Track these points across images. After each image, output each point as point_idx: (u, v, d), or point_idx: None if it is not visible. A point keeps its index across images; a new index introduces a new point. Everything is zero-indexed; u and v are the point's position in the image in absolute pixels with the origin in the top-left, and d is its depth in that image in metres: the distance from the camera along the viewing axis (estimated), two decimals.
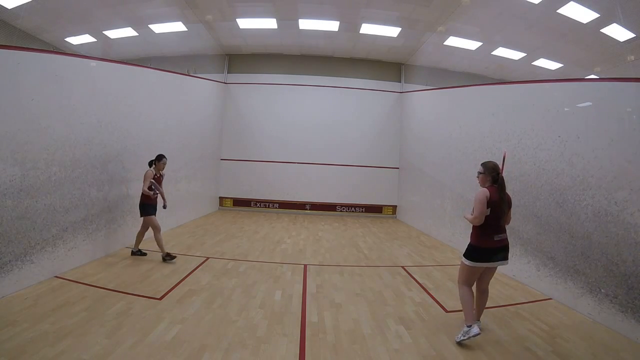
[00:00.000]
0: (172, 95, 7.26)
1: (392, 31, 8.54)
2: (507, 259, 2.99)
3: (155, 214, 4.99)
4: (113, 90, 5.20)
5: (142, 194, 4.88)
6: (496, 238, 2.91)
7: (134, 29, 8.62)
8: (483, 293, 3.11)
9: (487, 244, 2.90)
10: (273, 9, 7.79)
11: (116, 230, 5.24)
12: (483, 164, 3.05)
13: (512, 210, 4.76)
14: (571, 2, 6.39)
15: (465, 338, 2.83)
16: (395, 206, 10.59)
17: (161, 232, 5.00)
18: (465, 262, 2.98)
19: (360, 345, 2.83)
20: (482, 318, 3.43)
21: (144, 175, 4.87)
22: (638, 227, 3.13)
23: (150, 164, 5.03)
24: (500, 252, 2.94)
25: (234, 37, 9.46)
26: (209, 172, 9.65)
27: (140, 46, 9.53)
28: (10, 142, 3.46)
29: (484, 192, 2.89)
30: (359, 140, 10.58)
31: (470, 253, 2.96)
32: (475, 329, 2.82)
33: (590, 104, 3.98)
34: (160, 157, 5.10)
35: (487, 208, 2.85)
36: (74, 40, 8.99)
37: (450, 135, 7.03)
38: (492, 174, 2.97)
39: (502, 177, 2.97)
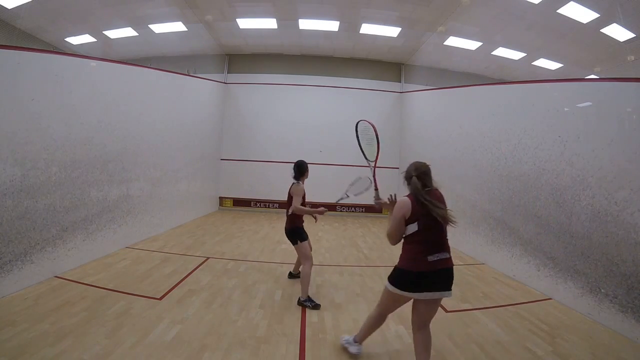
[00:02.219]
0: (172, 95, 7.26)
1: (392, 31, 8.54)
2: (449, 288, 2.19)
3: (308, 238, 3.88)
4: (113, 90, 5.20)
5: (291, 216, 3.76)
6: (430, 259, 2.15)
7: (134, 29, 8.62)
8: (421, 331, 2.29)
9: (417, 267, 2.17)
10: (273, 9, 7.78)
11: (116, 230, 5.24)
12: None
13: (513, 210, 4.86)
14: (571, 2, 6.39)
15: (345, 345, 2.67)
16: None
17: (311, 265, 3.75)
18: (387, 287, 2.31)
19: None
20: (483, 320, 3.43)
21: (294, 192, 3.70)
22: (638, 227, 3.13)
23: (297, 177, 3.77)
24: (437, 278, 2.16)
25: (234, 37, 9.45)
26: (209, 172, 9.65)
27: (140, 46, 9.52)
28: (10, 142, 3.47)
29: (402, 202, 2.25)
30: None
31: (394, 277, 2.28)
32: (355, 348, 2.59)
33: (590, 104, 3.98)
34: (306, 166, 3.85)
35: (414, 222, 2.19)
36: (74, 40, 8.98)
37: (450, 135, 7.02)
38: (405, 177, 2.34)
39: (414, 179, 2.26)
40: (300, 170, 3.80)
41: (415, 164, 2.36)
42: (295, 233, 3.79)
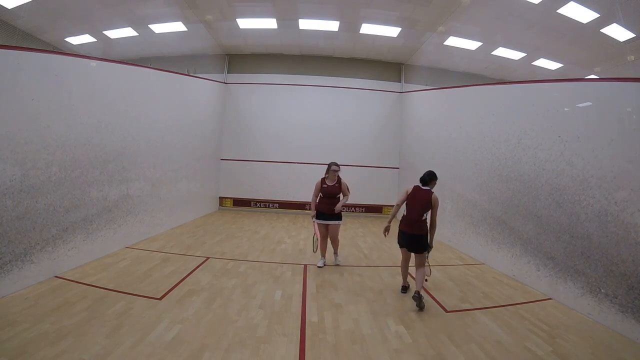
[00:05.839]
0: (172, 95, 7.26)
1: (392, 31, 8.54)
2: None
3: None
4: (113, 90, 5.20)
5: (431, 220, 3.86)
6: None
7: (134, 29, 8.62)
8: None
9: None
10: (273, 9, 7.78)
11: (116, 230, 5.24)
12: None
13: (513, 210, 4.89)
14: (571, 2, 6.39)
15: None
16: None
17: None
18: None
19: (360, 345, 2.83)
20: (482, 319, 3.45)
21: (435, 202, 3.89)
22: (638, 227, 3.13)
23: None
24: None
25: (234, 37, 9.45)
26: (209, 172, 9.65)
27: (140, 46, 9.52)
28: (10, 142, 3.47)
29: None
30: (359, 140, 10.56)
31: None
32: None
33: (590, 104, 3.98)
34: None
35: None
36: (74, 40, 8.98)
37: (450, 135, 7.02)
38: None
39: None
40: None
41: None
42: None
